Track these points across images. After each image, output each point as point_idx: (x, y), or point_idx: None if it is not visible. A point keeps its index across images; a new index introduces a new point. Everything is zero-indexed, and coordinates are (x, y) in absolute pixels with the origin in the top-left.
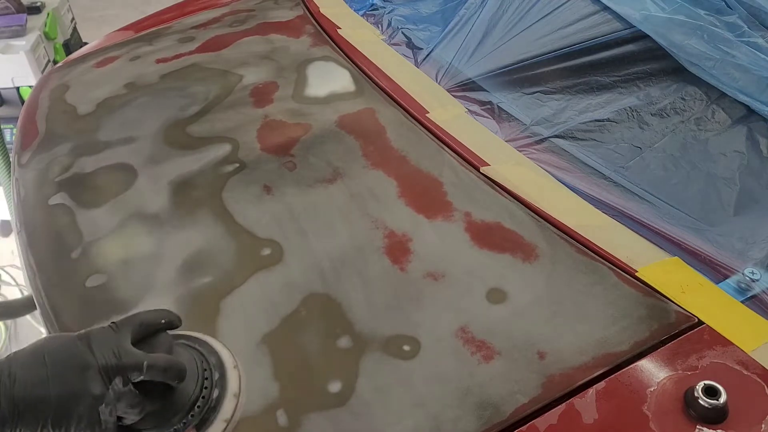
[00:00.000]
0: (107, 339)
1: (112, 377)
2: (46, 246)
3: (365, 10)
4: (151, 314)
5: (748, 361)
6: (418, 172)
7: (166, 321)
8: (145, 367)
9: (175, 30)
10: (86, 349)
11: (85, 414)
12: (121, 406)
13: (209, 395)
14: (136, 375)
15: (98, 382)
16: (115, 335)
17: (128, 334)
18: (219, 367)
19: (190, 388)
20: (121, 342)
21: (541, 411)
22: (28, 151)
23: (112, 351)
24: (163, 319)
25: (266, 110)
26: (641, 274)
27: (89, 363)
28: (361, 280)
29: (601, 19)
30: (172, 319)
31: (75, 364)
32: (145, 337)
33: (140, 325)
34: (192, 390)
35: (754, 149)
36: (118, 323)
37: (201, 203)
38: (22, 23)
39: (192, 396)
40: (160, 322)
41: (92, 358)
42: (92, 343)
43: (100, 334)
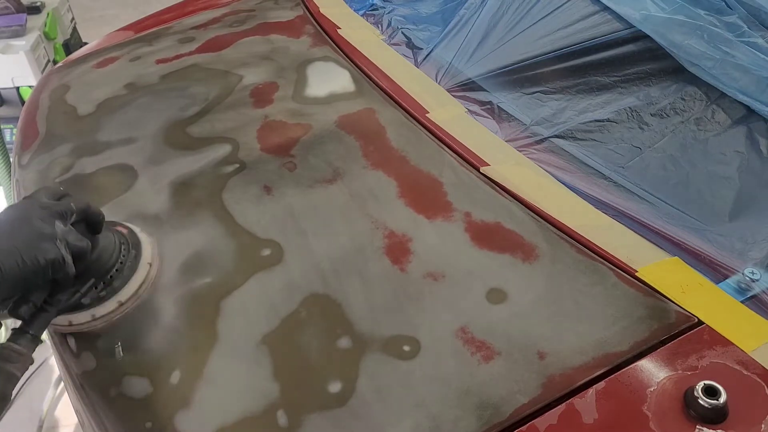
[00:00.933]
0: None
1: (53, 221)
2: None
3: (365, 10)
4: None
5: (748, 361)
6: (418, 172)
7: (64, 190)
8: (73, 207)
9: (175, 30)
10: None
11: (49, 248)
12: (71, 239)
13: (128, 249)
14: (69, 215)
15: (46, 225)
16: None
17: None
18: (133, 237)
19: (111, 242)
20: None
21: (541, 411)
22: (28, 151)
23: (39, 205)
24: (61, 188)
25: (266, 110)
26: (641, 274)
27: (30, 214)
28: (361, 281)
29: (601, 19)
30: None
31: (20, 217)
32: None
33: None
34: (113, 243)
35: (754, 149)
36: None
37: (201, 204)
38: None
39: (115, 248)
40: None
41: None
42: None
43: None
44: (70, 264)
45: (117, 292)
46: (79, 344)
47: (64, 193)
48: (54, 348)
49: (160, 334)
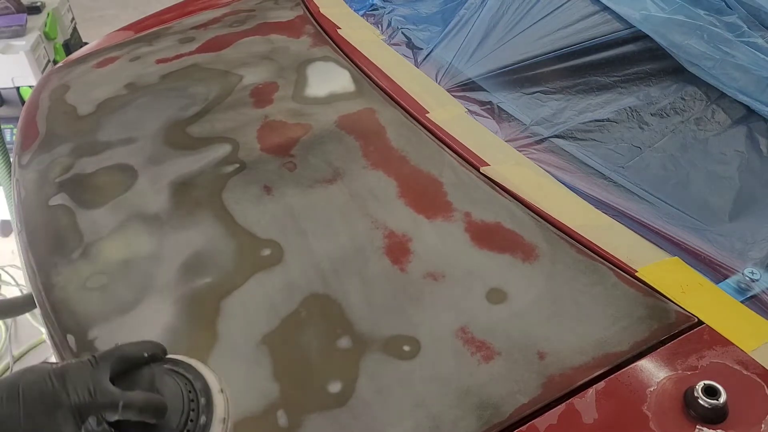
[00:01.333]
0: (83, 375)
1: (85, 417)
2: (46, 247)
3: (365, 10)
4: (134, 347)
5: (748, 361)
6: (418, 172)
7: (150, 354)
8: (121, 406)
9: (176, 30)
10: (60, 387)
11: None
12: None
13: (195, 424)
14: (111, 414)
15: (70, 422)
16: (93, 370)
17: (107, 369)
18: (205, 393)
19: (175, 420)
20: (98, 378)
21: (541, 411)
22: (28, 151)
23: (87, 388)
24: (146, 352)
25: (266, 110)
26: (641, 274)
27: (61, 402)
28: (361, 281)
29: (601, 19)
30: (156, 352)
31: (47, 403)
32: (127, 370)
33: (121, 359)
34: (177, 421)
35: (754, 149)
36: (98, 357)
37: (201, 204)
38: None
39: (177, 428)
40: (142, 355)
41: (65, 397)
42: (67, 380)
43: (76, 370)
44: None
45: None
46: (79, 344)
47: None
48: (53, 348)
49: (160, 333)
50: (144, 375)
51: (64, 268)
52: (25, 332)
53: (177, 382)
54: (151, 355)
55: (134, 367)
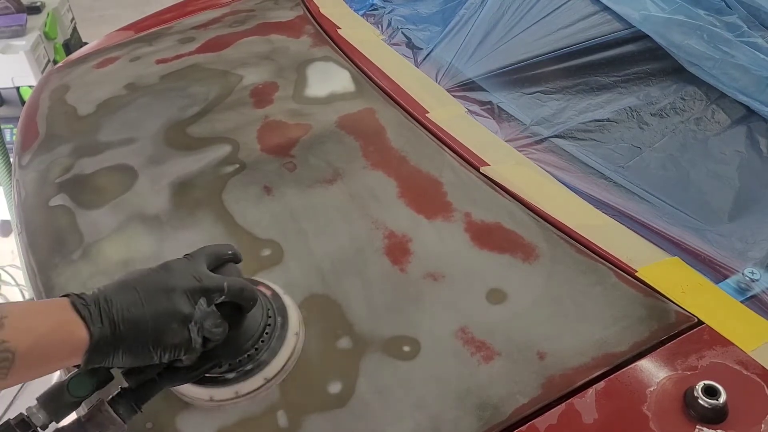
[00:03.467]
0: (186, 266)
1: (197, 298)
2: (46, 247)
3: (365, 10)
4: (219, 247)
5: (747, 361)
6: (418, 172)
7: (232, 253)
8: (226, 287)
9: (176, 30)
10: (169, 275)
11: (179, 331)
12: (207, 324)
13: (274, 316)
14: (218, 296)
15: (185, 302)
16: (191, 263)
17: (203, 262)
18: (278, 301)
19: (258, 314)
20: (199, 268)
21: (541, 411)
22: (28, 152)
23: (192, 275)
24: (229, 251)
25: (266, 111)
26: (641, 274)
27: (174, 285)
28: (361, 281)
29: (601, 19)
30: (236, 252)
31: (163, 288)
32: (215, 268)
33: (210, 255)
34: (260, 316)
35: (754, 149)
36: (192, 254)
37: (201, 204)
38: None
39: (261, 321)
40: (227, 253)
41: (177, 282)
42: (173, 270)
43: (179, 263)
44: (198, 349)
45: (264, 367)
46: None
47: (230, 257)
48: None
49: None
50: (231, 270)
51: (64, 269)
52: None
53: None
54: (233, 254)
55: (222, 263)
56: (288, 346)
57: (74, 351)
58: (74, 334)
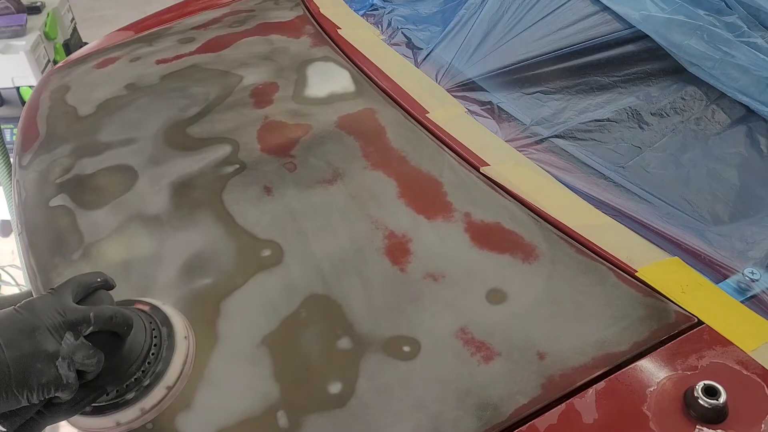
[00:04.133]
0: (49, 303)
1: (62, 333)
2: (47, 247)
3: (365, 10)
4: (86, 276)
5: (748, 361)
6: (418, 172)
7: (101, 280)
8: (92, 317)
9: (176, 30)
10: (31, 315)
11: (45, 370)
12: (77, 357)
13: (160, 336)
14: (85, 327)
15: (50, 340)
16: (55, 297)
17: (68, 295)
18: (158, 313)
19: (141, 338)
20: (63, 302)
21: (541, 411)
22: (28, 152)
23: (56, 311)
24: (98, 278)
25: (266, 111)
26: (641, 274)
27: (36, 324)
28: (361, 281)
29: (600, 19)
30: (107, 279)
31: (23, 329)
32: (85, 297)
33: (78, 286)
34: (143, 339)
35: (754, 149)
36: (56, 288)
37: (201, 204)
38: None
39: (144, 344)
40: (96, 280)
41: (39, 320)
42: (35, 308)
43: (42, 301)
44: (72, 383)
45: (162, 377)
46: None
47: (99, 284)
48: None
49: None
50: (102, 298)
51: (64, 269)
52: None
53: (132, 310)
54: (102, 281)
55: (91, 292)
56: (180, 351)
57: None
58: None
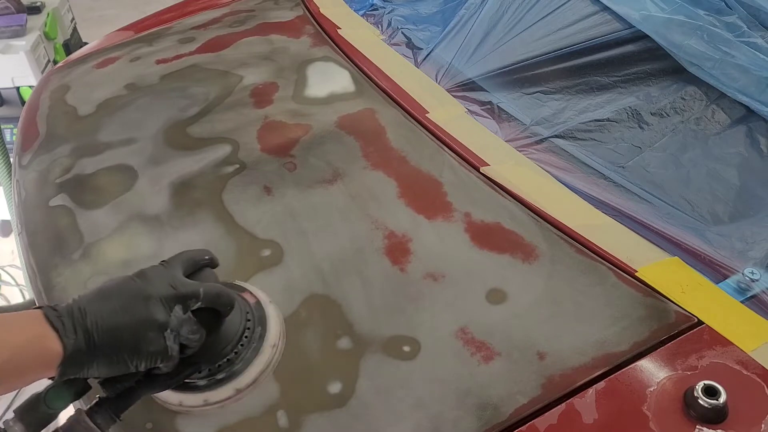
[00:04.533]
0: (161, 274)
1: (173, 306)
2: (47, 247)
3: (365, 10)
4: (196, 252)
5: (747, 361)
6: (418, 172)
7: (209, 258)
8: (202, 293)
9: (176, 30)
10: (145, 283)
11: (155, 339)
12: (183, 331)
13: (254, 325)
14: (194, 302)
15: (161, 310)
16: (168, 269)
17: (179, 268)
18: (260, 310)
19: (236, 320)
20: (175, 275)
21: (541, 411)
22: (28, 152)
23: (168, 283)
24: (206, 256)
25: (266, 111)
26: (641, 274)
27: (150, 293)
28: (361, 281)
29: (600, 19)
30: (213, 257)
31: (138, 296)
32: (191, 274)
33: (187, 261)
34: (238, 322)
35: (754, 149)
36: (168, 260)
37: (201, 204)
38: (22, 23)
39: (239, 327)
40: (204, 258)
41: (153, 289)
42: (148, 278)
43: (154, 271)
44: (175, 356)
45: (235, 377)
46: None
47: (207, 262)
48: None
49: None
50: (207, 276)
51: (64, 269)
52: None
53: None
54: (209, 259)
55: (198, 268)
56: (263, 357)
57: (48, 364)
58: (48, 347)
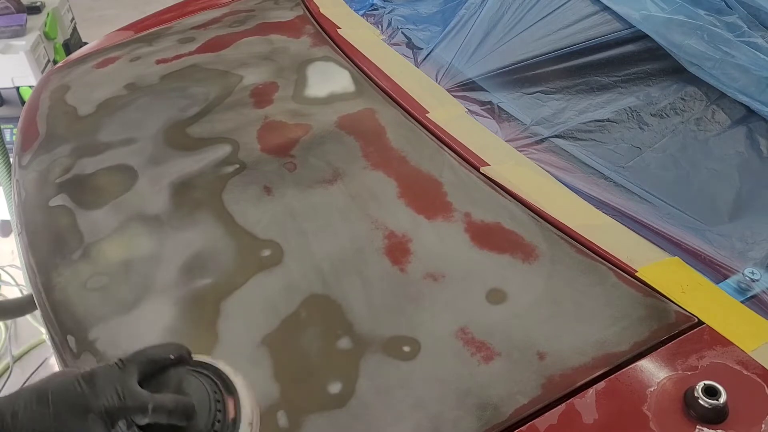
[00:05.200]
0: (112, 378)
1: (116, 420)
2: (46, 247)
3: (365, 10)
4: (160, 349)
5: (748, 361)
6: (418, 172)
7: (176, 357)
8: (150, 409)
9: (176, 30)
10: (89, 391)
11: None
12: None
13: (223, 425)
14: (140, 417)
15: (100, 426)
16: (121, 373)
17: (134, 372)
18: (231, 394)
19: (202, 422)
20: (126, 381)
21: (541, 411)
22: (28, 152)
23: (115, 391)
24: (172, 354)
25: (266, 111)
26: (641, 274)
27: (90, 405)
28: (361, 281)
29: (601, 19)
30: (182, 353)
31: (77, 406)
32: (154, 373)
33: (147, 362)
34: (204, 422)
35: (754, 149)
36: (125, 360)
37: (201, 204)
38: (22, 23)
39: (208, 418)
40: (168, 357)
41: (95, 400)
42: (96, 383)
43: (105, 373)
44: None
45: None
46: (79, 345)
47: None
48: (54, 348)
49: (160, 334)
50: (171, 377)
51: (64, 269)
52: (25, 332)
53: (202, 383)
54: (177, 357)
55: (161, 369)
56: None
57: None
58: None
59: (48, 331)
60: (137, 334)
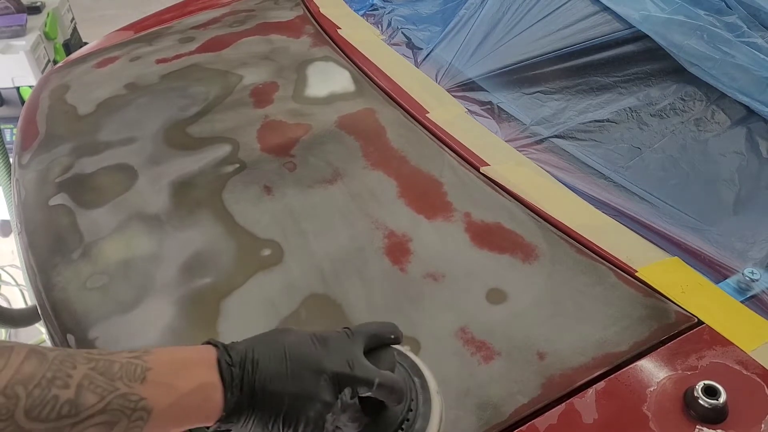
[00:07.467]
0: (342, 346)
1: (343, 387)
2: (46, 247)
3: (365, 10)
4: (383, 326)
5: (747, 361)
6: (418, 172)
7: (394, 336)
8: (376, 384)
9: (175, 30)
10: (324, 352)
11: (312, 418)
12: (344, 418)
13: (414, 416)
14: (364, 390)
15: (330, 390)
16: (350, 343)
17: (361, 344)
18: (423, 390)
19: (400, 407)
20: (355, 351)
21: (541, 411)
22: (28, 151)
23: (346, 360)
24: (392, 333)
25: (266, 110)
26: (641, 274)
27: (325, 367)
28: (361, 281)
29: (601, 19)
30: (398, 335)
31: (312, 367)
32: (373, 349)
33: (373, 337)
34: (401, 410)
35: (754, 150)
36: (353, 330)
37: (201, 204)
38: (22, 23)
39: (400, 416)
40: (389, 336)
41: (329, 364)
42: (329, 346)
43: (337, 340)
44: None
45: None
46: (79, 344)
47: (391, 340)
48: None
49: (160, 334)
50: (388, 357)
51: (64, 268)
52: (25, 332)
53: (402, 373)
54: (395, 337)
55: (381, 346)
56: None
57: (208, 415)
58: (211, 398)
59: (48, 331)
60: (137, 334)
